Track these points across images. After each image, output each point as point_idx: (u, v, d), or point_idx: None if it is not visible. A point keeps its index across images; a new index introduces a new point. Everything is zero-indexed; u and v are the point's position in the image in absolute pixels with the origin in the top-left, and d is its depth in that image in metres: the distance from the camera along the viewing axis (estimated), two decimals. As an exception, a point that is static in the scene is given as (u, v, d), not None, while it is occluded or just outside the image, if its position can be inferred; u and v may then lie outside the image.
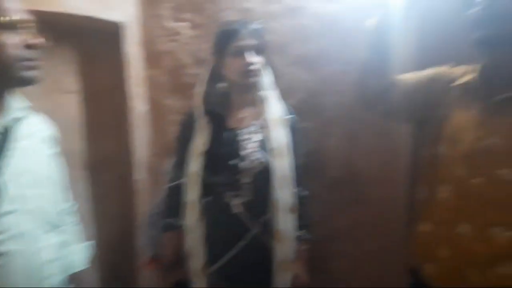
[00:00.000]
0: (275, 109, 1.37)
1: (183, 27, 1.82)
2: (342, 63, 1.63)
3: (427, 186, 1.10)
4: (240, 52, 1.28)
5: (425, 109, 1.12)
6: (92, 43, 1.93)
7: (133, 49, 1.88)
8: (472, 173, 0.96)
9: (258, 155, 1.31)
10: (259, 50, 1.31)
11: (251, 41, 1.29)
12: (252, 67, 1.29)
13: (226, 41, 1.31)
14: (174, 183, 1.44)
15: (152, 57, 1.90)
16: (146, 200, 1.96)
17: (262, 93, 1.38)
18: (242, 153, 1.31)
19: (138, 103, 1.92)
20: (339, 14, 1.61)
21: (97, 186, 2.03)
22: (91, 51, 1.95)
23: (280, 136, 1.33)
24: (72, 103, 1.96)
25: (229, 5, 1.75)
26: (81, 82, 1.97)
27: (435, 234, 1.05)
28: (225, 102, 1.39)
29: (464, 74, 1.08)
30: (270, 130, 1.33)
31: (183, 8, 1.82)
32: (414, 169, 1.40)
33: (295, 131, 1.39)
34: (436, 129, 1.08)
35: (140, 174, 1.94)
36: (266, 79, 1.38)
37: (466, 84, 1.05)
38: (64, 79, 1.92)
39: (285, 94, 1.70)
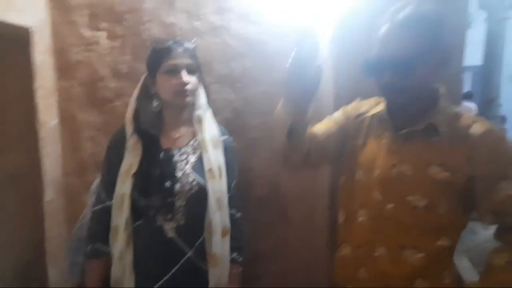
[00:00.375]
0: (210, 129, 1.36)
1: (100, 37, 1.69)
2: (266, 84, 1.63)
3: (346, 210, 1.16)
4: (173, 71, 1.25)
5: (341, 148, 1.18)
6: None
7: (43, 57, 1.71)
8: (386, 199, 1.03)
9: (193, 177, 1.28)
10: (192, 69, 1.29)
11: (185, 60, 1.26)
12: (185, 87, 1.26)
13: (158, 59, 1.26)
14: (100, 205, 1.35)
15: (65, 67, 1.74)
16: (58, 223, 1.80)
17: (196, 112, 1.35)
18: (177, 174, 1.27)
19: (48, 116, 1.74)
20: (262, 35, 1.61)
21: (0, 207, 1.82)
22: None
23: (215, 157, 1.32)
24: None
25: (151, 18, 1.66)
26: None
27: (355, 256, 1.11)
28: (158, 121, 1.34)
29: (374, 105, 1.16)
30: (206, 151, 1.31)
31: (100, 17, 1.69)
32: (334, 192, 1.44)
33: (228, 151, 1.39)
34: (353, 157, 1.14)
35: (51, 195, 1.77)
36: (200, 99, 1.36)
37: (376, 115, 1.13)
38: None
39: (209, 113, 1.68)
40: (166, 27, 1.66)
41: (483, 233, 2.10)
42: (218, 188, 1.30)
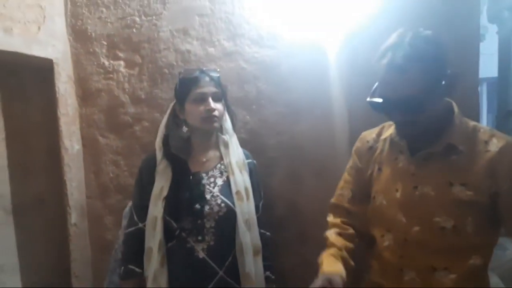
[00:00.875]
0: (235, 153, 1.42)
1: (118, 65, 1.77)
2: (280, 105, 1.65)
3: (372, 234, 1.14)
4: (201, 99, 1.32)
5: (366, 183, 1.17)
6: (19, 79, 1.82)
7: (65, 86, 1.79)
8: (411, 221, 1.01)
9: (222, 199, 1.33)
10: (218, 97, 1.36)
11: (211, 89, 1.34)
12: (213, 113, 1.32)
13: (187, 88, 1.34)
14: (133, 228, 1.39)
15: (86, 95, 1.82)
16: (82, 246, 1.84)
17: (222, 137, 1.42)
18: (206, 196, 1.32)
19: (71, 142, 1.81)
20: (274, 59, 1.64)
21: (26, 231, 1.87)
22: (19, 87, 1.83)
23: (242, 180, 1.38)
24: (-5, 143, 1.81)
25: (167, 46, 1.73)
26: (7, 119, 1.83)
27: (383, 280, 1.09)
28: (187, 146, 1.40)
29: (381, 132, 1.16)
30: (233, 174, 1.37)
31: (118, 47, 1.77)
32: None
33: (253, 174, 1.45)
34: (373, 182, 1.13)
35: (75, 218, 1.82)
36: (227, 124, 1.43)
37: (387, 140, 1.12)
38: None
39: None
40: (182, 54, 1.72)
41: (515, 249, 2.03)
42: (246, 209, 1.35)
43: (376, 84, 1.00)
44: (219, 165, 1.40)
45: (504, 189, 0.94)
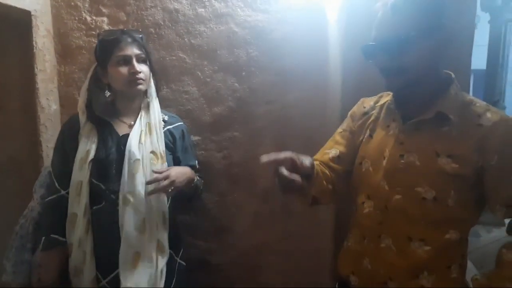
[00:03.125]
0: (155, 116, 1.39)
1: (102, 22, 1.66)
2: (271, 73, 1.59)
3: (354, 202, 1.13)
4: (124, 62, 1.30)
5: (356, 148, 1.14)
6: (-5, 30, 1.69)
7: (43, 41, 1.67)
8: (393, 189, 1.00)
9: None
10: (142, 58, 1.33)
11: (134, 50, 1.31)
12: (137, 76, 1.30)
13: (109, 50, 1.30)
14: (54, 196, 1.35)
15: (66, 52, 1.71)
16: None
17: (146, 100, 1.40)
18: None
19: (48, 101, 1.71)
20: (267, 24, 1.57)
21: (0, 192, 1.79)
22: (-6, 40, 1.71)
23: (156, 142, 1.35)
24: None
25: (153, 4, 1.63)
26: (-20, 74, 1.71)
27: (360, 247, 1.09)
28: (111, 109, 1.38)
29: (381, 98, 1.15)
30: (150, 135, 1.35)
31: (101, 2, 1.66)
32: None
33: (185, 136, 1.48)
34: (362, 148, 1.11)
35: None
36: (150, 88, 1.40)
37: (383, 106, 1.11)
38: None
39: (213, 101, 1.65)
40: (169, 13, 1.63)
41: (487, 236, 2.08)
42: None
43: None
44: (141, 128, 1.37)
45: (490, 165, 0.92)
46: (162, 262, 1.32)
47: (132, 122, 1.38)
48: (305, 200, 1.08)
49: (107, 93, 1.35)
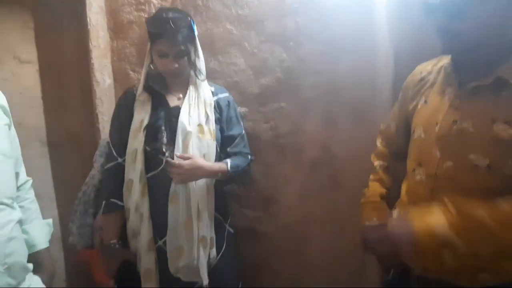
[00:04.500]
0: (203, 91, 1.44)
1: (152, -4, 1.68)
2: (320, 43, 1.55)
3: (407, 169, 1.11)
4: (162, 55, 1.33)
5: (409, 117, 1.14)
6: (52, 9, 1.77)
7: (97, 17, 1.73)
8: (444, 156, 0.97)
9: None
10: (181, 54, 1.34)
11: (173, 49, 1.32)
12: (172, 70, 1.35)
13: (152, 38, 1.34)
14: (112, 163, 1.43)
15: (118, 27, 1.76)
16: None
17: (194, 78, 1.43)
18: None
19: (103, 75, 1.79)
20: (317, -9, 1.52)
21: (60, 164, 1.92)
22: (51, 18, 1.79)
23: (204, 115, 1.40)
24: (29, 74, 1.80)
25: (202, -26, 1.62)
26: (40, 51, 1.81)
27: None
28: (163, 82, 1.43)
29: (439, 61, 1.09)
30: (199, 110, 1.40)
31: (152, -24, 1.67)
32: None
33: (231, 107, 1.50)
34: (417, 115, 1.08)
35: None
36: (201, 67, 1.43)
37: (440, 71, 1.06)
38: (19, 47, 1.76)
39: (260, 72, 1.65)
40: (219, -16, 1.61)
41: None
42: (205, 144, 1.38)
43: None
44: (190, 102, 1.42)
45: None
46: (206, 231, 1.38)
47: (181, 95, 1.43)
48: None
49: (152, 66, 1.41)
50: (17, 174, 1.08)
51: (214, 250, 1.41)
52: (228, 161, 1.40)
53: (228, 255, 1.47)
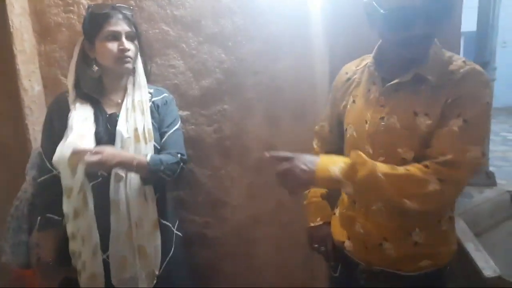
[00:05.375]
0: (142, 93, 1.36)
1: (80, -4, 1.59)
2: (258, 42, 1.55)
3: None
4: (113, 38, 1.26)
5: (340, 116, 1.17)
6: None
7: (20, 19, 1.61)
8: (376, 152, 1.01)
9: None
10: (132, 36, 1.30)
11: (125, 27, 1.27)
12: (125, 53, 1.27)
13: (98, 24, 1.26)
14: (46, 175, 1.34)
15: (45, 30, 1.65)
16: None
17: (132, 78, 1.36)
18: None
19: (31, 82, 1.66)
20: (251, -10, 1.52)
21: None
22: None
23: (142, 120, 1.32)
24: None
25: (133, -26, 1.56)
26: (-44, 58, 1.65)
27: (352, 212, 1.10)
28: (99, 86, 1.34)
29: (362, 60, 1.14)
30: (135, 113, 1.32)
31: (78, -26, 1.58)
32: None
33: (169, 105, 1.42)
34: (347, 114, 1.11)
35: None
36: (138, 66, 1.36)
37: (364, 71, 1.10)
38: None
39: (200, 73, 1.61)
40: (149, -16, 1.56)
41: (479, 196, 2.13)
42: (143, 151, 1.30)
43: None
44: (128, 106, 1.35)
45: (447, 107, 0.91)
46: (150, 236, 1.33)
47: (119, 100, 1.35)
48: None
49: (95, 68, 1.31)
50: None
51: (158, 260, 1.35)
52: (149, 155, 1.31)
53: (177, 259, 1.43)
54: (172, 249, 1.42)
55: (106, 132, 1.31)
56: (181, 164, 1.36)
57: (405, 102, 0.97)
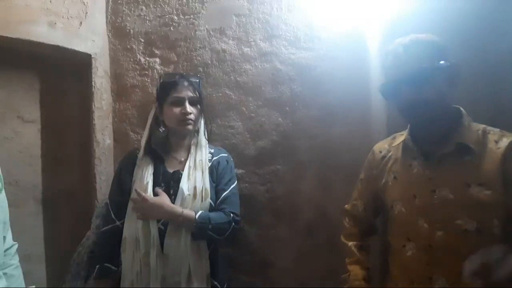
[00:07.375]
0: (202, 153, 1.47)
1: (154, 62, 1.78)
2: (314, 108, 1.62)
3: (392, 245, 1.13)
4: (177, 102, 1.41)
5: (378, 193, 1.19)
6: (58, 72, 1.86)
7: (101, 81, 1.82)
8: (433, 226, 0.99)
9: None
10: (195, 101, 1.44)
11: (188, 93, 1.42)
12: (187, 116, 1.41)
13: (166, 91, 1.43)
14: (109, 226, 1.42)
15: (121, 91, 1.84)
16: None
17: (195, 139, 1.49)
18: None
19: (103, 136, 1.83)
20: (310, 61, 1.63)
21: (52, 223, 1.89)
22: (57, 81, 1.87)
23: (201, 179, 1.41)
24: (31, 133, 1.84)
25: (202, 45, 1.73)
26: (43, 111, 1.87)
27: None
28: (165, 144, 1.48)
29: (394, 139, 1.17)
30: (196, 172, 1.42)
31: (154, 44, 1.79)
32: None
33: (227, 165, 1.49)
34: (389, 192, 1.11)
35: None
36: (200, 128, 1.50)
37: (399, 147, 1.12)
38: (23, 107, 1.82)
39: (257, 135, 1.69)
40: (217, 53, 1.72)
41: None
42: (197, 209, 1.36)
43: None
44: (190, 165, 1.45)
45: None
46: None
47: (182, 159, 1.46)
48: None
49: (162, 129, 1.47)
50: (3, 239, 1.06)
51: None
52: (200, 211, 1.35)
53: None
54: None
55: (168, 188, 1.39)
56: (233, 224, 1.39)
57: (453, 173, 0.98)
